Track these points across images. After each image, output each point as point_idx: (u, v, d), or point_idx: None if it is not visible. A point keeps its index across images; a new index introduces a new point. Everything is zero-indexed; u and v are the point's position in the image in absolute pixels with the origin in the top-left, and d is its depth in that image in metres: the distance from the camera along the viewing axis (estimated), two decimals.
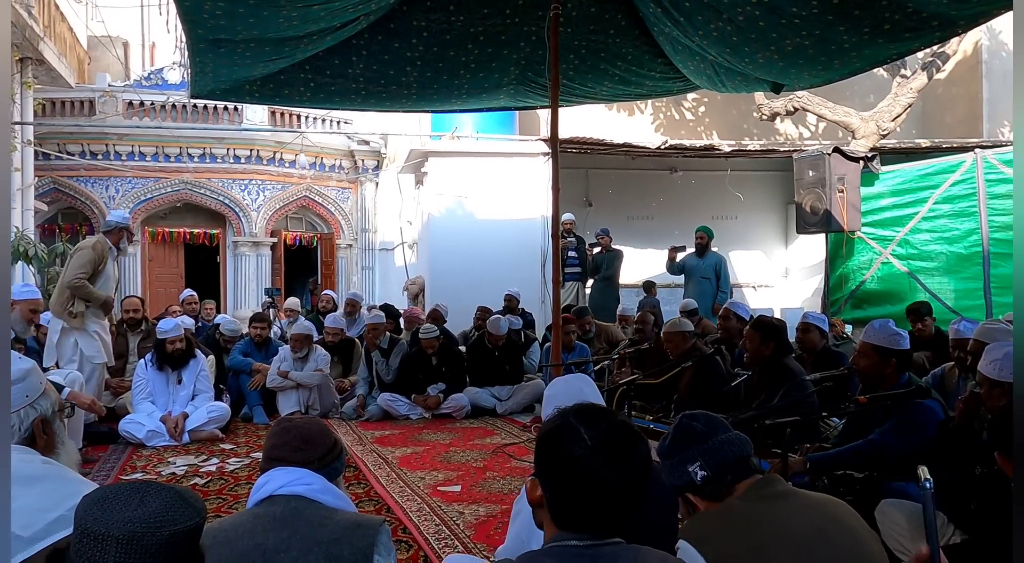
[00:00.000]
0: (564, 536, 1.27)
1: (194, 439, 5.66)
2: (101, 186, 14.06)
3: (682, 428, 1.69)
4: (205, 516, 1.16)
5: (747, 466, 1.64)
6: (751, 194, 12.72)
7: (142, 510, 1.07)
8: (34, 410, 1.71)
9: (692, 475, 1.62)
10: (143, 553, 1.05)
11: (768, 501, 1.57)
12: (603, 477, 1.24)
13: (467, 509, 3.85)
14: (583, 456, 1.25)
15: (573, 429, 1.29)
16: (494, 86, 5.36)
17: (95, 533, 1.05)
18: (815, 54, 4.16)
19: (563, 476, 1.28)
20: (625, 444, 1.28)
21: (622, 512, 1.28)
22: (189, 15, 3.81)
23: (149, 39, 19.03)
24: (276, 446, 1.68)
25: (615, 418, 1.34)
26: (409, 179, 12.54)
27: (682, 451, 1.66)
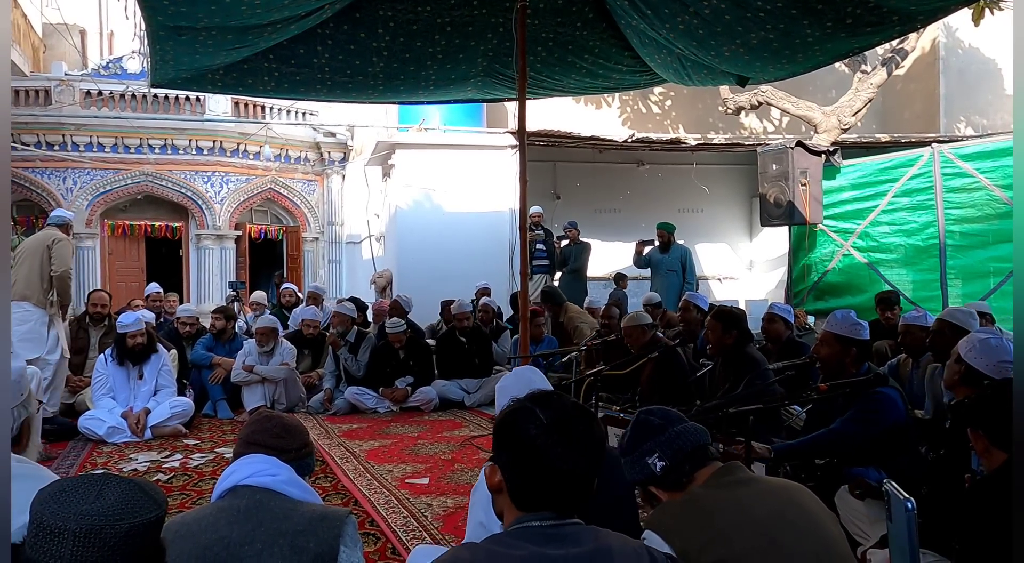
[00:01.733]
0: (526, 518, 1.30)
1: (157, 435, 5.56)
2: (58, 178, 13.72)
3: (639, 423, 1.72)
4: (166, 508, 1.14)
5: (705, 454, 1.66)
6: (716, 187, 12.87)
7: (100, 503, 1.05)
8: (24, 410, 1.69)
9: (652, 467, 1.65)
10: (102, 547, 1.02)
11: (728, 488, 1.60)
12: (558, 454, 1.28)
13: (435, 501, 3.85)
14: (537, 435, 1.30)
15: (528, 410, 1.34)
16: (461, 78, 5.33)
17: (52, 527, 1.03)
18: (779, 47, 4.21)
19: (520, 456, 1.31)
20: (577, 423, 1.32)
21: (580, 492, 1.31)
22: (148, 1, 3.72)
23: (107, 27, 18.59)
24: (256, 432, 1.68)
25: (567, 400, 1.38)
26: (376, 171, 12.44)
27: (640, 445, 1.68)
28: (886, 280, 8.00)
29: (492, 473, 1.36)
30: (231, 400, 6.59)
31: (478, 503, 2.14)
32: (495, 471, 1.35)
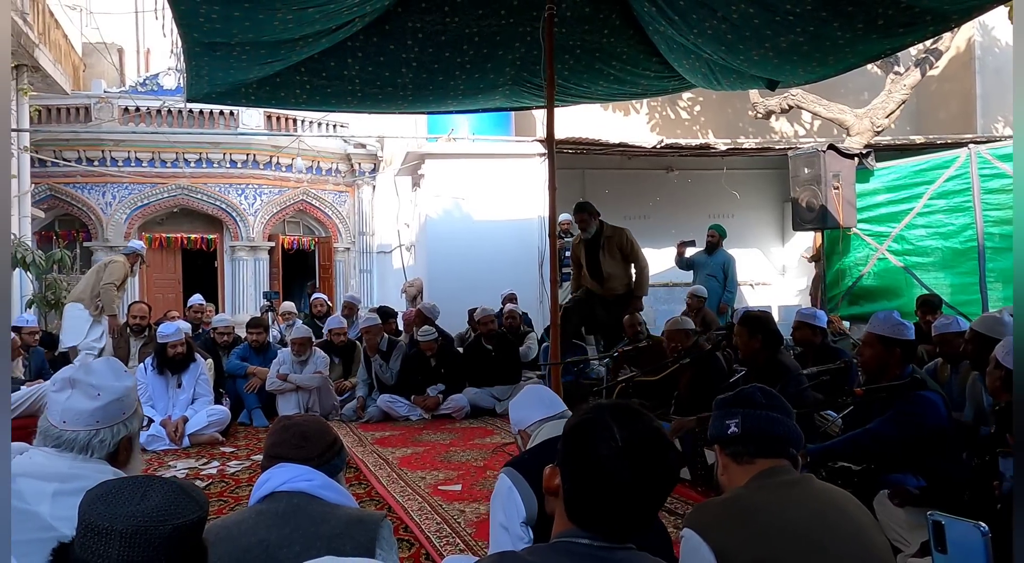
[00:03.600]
0: (575, 532, 1.23)
1: (194, 443, 5.67)
2: (98, 192, 14.06)
3: (746, 393, 1.75)
4: (208, 509, 1.16)
5: (777, 448, 1.65)
6: (747, 192, 12.75)
7: (145, 504, 1.08)
8: (124, 428, 1.68)
9: (726, 427, 1.68)
10: (147, 547, 1.05)
11: (772, 489, 1.59)
12: (625, 480, 1.20)
13: (468, 508, 3.86)
14: (609, 456, 1.21)
15: (606, 426, 1.24)
16: (490, 87, 5.37)
17: (99, 528, 1.06)
18: (809, 50, 4.18)
19: (585, 471, 1.23)
20: (654, 450, 1.23)
21: (637, 518, 1.23)
22: (184, 19, 3.82)
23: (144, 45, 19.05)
24: (276, 444, 1.69)
25: (650, 422, 1.28)
26: (406, 181, 12.55)
27: (732, 407, 1.72)
28: (923, 284, 7.85)
29: (552, 476, 1.29)
30: (266, 408, 6.69)
31: (498, 507, 2.17)
32: (555, 474, 1.29)
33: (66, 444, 1.60)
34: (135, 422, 1.72)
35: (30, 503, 1.45)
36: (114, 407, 1.66)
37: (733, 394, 1.77)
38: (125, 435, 1.67)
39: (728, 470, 1.71)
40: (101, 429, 1.63)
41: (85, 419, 1.62)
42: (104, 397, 1.65)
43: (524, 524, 2.08)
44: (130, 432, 1.69)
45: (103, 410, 1.64)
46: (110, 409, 1.65)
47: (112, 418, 1.65)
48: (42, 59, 9.90)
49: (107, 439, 1.64)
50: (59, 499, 1.46)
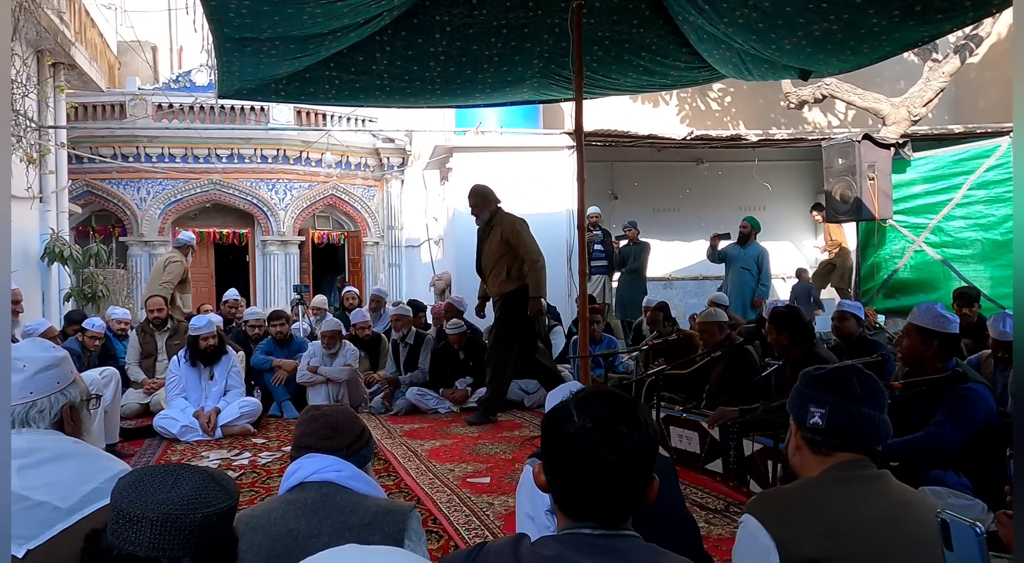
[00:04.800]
0: (573, 525, 1.24)
1: (226, 434, 5.75)
2: (132, 188, 14.30)
3: (841, 377, 1.59)
4: (238, 498, 1.17)
5: (860, 445, 1.54)
6: (779, 184, 12.58)
7: (176, 492, 1.09)
8: (63, 396, 1.70)
9: (810, 414, 1.56)
10: (177, 535, 1.06)
11: (847, 484, 1.49)
12: (597, 457, 1.19)
13: (496, 500, 3.86)
14: (575, 434, 1.22)
15: (567, 409, 1.26)
16: (518, 79, 5.35)
17: (130, 515, 1.07)
18: (844, 39, 4.09)
19: (560, 456, 1.25)
20: (619, 424, 1.22)
21: (625, 498, 1.23)
22: (215, 14, 3.86)
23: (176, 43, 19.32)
24: (305, 434, 1.69)
25: (615, 399, 1.28)
26: (434, 175, 12.59)
27: (822, 392, 1.57)
28: (962, 277, 7.67)
29: (539, 472, 1.30)
30: (296, 400, 6.76)
31: (524, 497, 2.16)
32: (540, 470, 1.29)
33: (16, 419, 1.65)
34: (74, 391, 1.74)
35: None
36: (44, 377, 1.69)
37: (826, 373, 1.60)
38: (65, 403, 1.70)
39: (801, 453, 1.60)
40: (37, 399, 1.66)
41: (18, 392, 1.65)
42: (30, 367, 1.67)
43: (549, 513, 2.07)
44: (70, 400, 1.72)
45: (32, 380, 1.66)
46: (39, 379, 1.68)
47: (45, 388, 1.68)
48: (78, 57, 10.08)
49: (45, 408, 1.67)
50: (25, 472, 1.50)
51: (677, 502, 2.01)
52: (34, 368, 1.68)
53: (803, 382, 1.63)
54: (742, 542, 1.48)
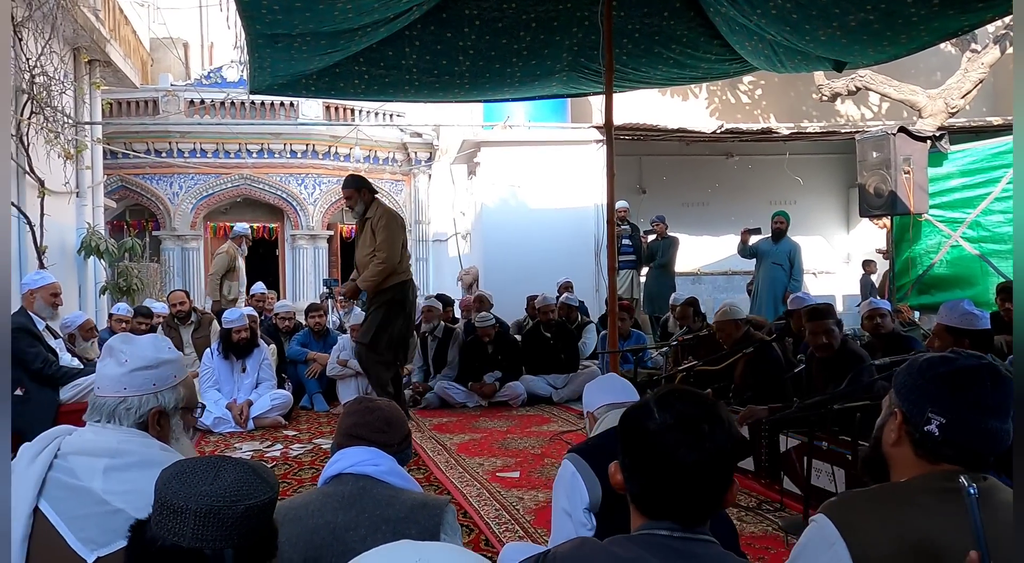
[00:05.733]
0: (650, 525, 1.21)
1: (258, 426, 5.84)
2: (165, 183, 14.52)
3: (976, 380, 1.32)
4: (278, 490, 1.18)
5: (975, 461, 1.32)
6: (811, 178, 12.40)
7: (218, 484, 1.10)
8: (155, 399, 1.63)
9: (926, 419, 1.32)
10: (220, 526, 1.07)
11: (949, 496, 1.25)
12: (677, 456, 1.18)
13: (526, 495, 3.87)
14: (655, 432, 1.20)
15: (647, 408, 1.25)
16: (547, 73, 5.33)
17: (174, 506, 1.09)
18: (880, 29, 4.01)
19: (638, 454, 1.23)
20: (699, 424, 1.20)
21: (704, 499, 1.21)
22: (247, 11, 3.89)
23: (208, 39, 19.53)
24: (359, 425, 1.71)
25: (697, 398, 1.26)
26: (461, 170, 12.60)
27: (947, 395, 1.32)
28: (1000, 272, 7.49)
29: (615, 472, 1.29)
30: (327, 393, 6.83)
31: (561, 493, 2.16)
32: (618, 469, 1.28)
33: (96, 410, 1.62)
34: (169, 396, 1.66)
35: (83, 480, 1.47)
36: (141, 375, 1.63)
37: (956, 372, 1.34)
38: (154, 407, 1.63)
39: (901, 448, 1.38)
40: (129, 396, 1.61)
41: (113, 385, 1.62)
42: (131, 363, 1.63)
43: (587, 510, 2.06)
44: (161, 405, 1.64)
45: (129, 376, 1.62)
46: (136, 377, 1.63)
47: (140, 387, 1.63)
48: (113, 54, 10.24)
49: (133, 407, 1.61)
50: (110, 474, 1.48)
51: None
52: (134, 365, 1.64)
53: (926, 375, 1.35)
54: (811, 544, 1.32)
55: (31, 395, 4.50)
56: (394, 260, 5.28)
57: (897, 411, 1.38)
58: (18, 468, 1.51)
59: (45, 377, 4.55)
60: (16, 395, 4.46)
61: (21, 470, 1.50)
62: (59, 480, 1.47)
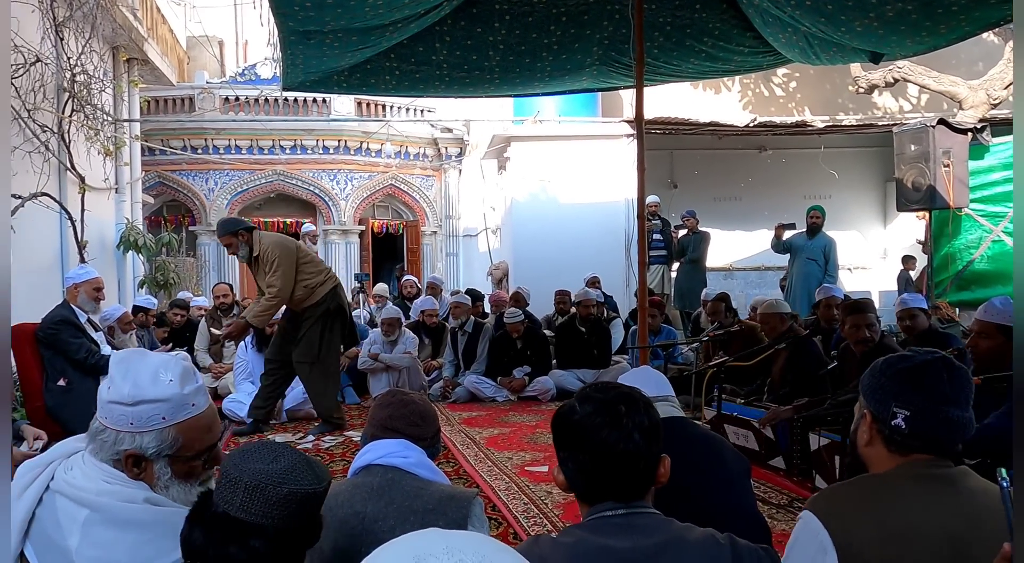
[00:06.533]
0: (595, 510, 1.31)
1: (291, 418, 5.93)
2: (201, 179, 14.77)
3: (931, 371, 1.41)
4: (326, 487, 1.28)
5: (943, 448, 1.41)
6: (846, 172, 12.19)
7: (272, 465, 1.22)
8: (130, 439, 1.36)
9: (892, 415, 1.40)
10: (264, 503, 1.19)
11: (922, 482, 1.37)
12: (600, 438, 1.29)
13: (555, 489, 3.87)
14: (578, 421, 1.32)
15: (571, 403, 1.38)
16: (577, 67, 5.31)
17: (231, 477, 1.21)
18: (919, 19, 3.91)
19: (569, 446, 1.34)
20: (616, 406, 1.32)
21: (635, 477, 1.30)
22: (280, 8, 3.94)
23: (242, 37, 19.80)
24: (394, 417, 1.73)
25: (613, 389, 1.38)
26: (492, 165, 12.62)
27: (908, 389, 1.41)
28: None
29: (557, 473, 1.38)
30: (357, 386, 6.91)
31: None
32: (558, 470, 1.38)
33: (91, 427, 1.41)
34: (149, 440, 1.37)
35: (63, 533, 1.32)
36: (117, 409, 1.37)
37: (915, 368, 1.42)
38: (128, 449, 1.37)
39: (874, 447, 1.46)
40: (107, 427, 1.38)
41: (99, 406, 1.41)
42: (111, 391, 1.39)
43: None
44: (136, 448, 1.37)
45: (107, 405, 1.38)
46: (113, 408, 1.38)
47: (116, 421, 1.37)
48: (151, 53, 10.43)
49: (108, 440, 1.37)
50: (88, 530, 1.31)
51: (749, 500, 1.98)
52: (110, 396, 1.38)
53: (887, 374, 1.45)
54: (798, 539, 1.41)
55: (74, 386, 4.62)
56: (287, 292, 5.12)
57: (866, 412, 1.48)
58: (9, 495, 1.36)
59: (88, 367, 4.67)
60: (59, 386, 4.60)
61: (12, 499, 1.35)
62: (43, 530, 1.34)
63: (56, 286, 7.86)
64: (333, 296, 5.37)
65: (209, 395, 1.50)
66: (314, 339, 5.30)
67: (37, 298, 6.49)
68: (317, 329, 5.31)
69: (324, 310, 5.31)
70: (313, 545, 1.25)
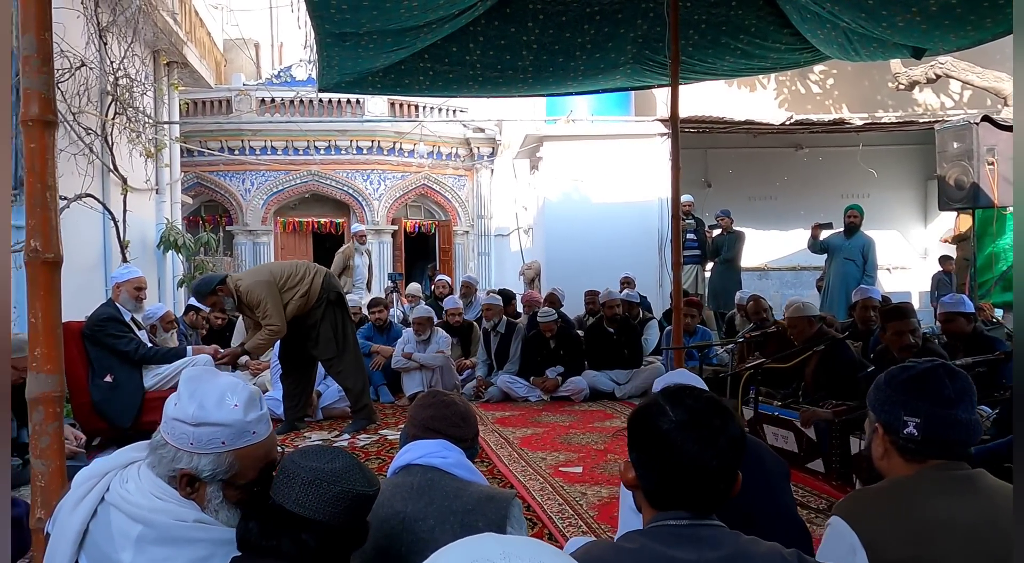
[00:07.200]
0: (662, 516, 1.28)
1: (327, 415, 5.99)
2: (238, 179, 15.02)
3: (934, 378, 1.47)
4: (374, 493, 1.35)
5: (955, 450, 1.46)
6: (885, 170, 11.95)
7: (329, 465, 1.32)
8: (188, 459, 1.38)
9: (902, 424, 1.46)
10: (316, 499, 1.28)
11: (940, 484, 1.42)
12: (689, 451, 1.24)
13: (589, 490, 3.86)
14: (668, 430, 1.26)
15: (659, 406, 1.31)
16: (610, 66, 5.29)
17: (289, 472, 1.32)
18: (963, 13, 3.82)
19: (651, 453, 1.29)
20: (711, 420, 1.27)
21: (715, 491, 1.27)
22: (317, 11, 3.99)
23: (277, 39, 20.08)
24: (436, 418, 1.74)
25: (703, 396, 1.33)
26: (524, 164, 12.62)
27: (914, 398, 1.46)
28: None
29: (627, 469, 1.35)
30: (391, 385, 6.97)
31: (625, 496, 2.14)
32: (629, 468, 1.34)
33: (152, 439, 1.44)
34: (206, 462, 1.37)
35: (116, 547, 1.34)
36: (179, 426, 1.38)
37: (917, 376, 1.49)
38: (184, 468, 1.38)
39: (890, 458, 1.52)
40: (168, 443, 1.39)
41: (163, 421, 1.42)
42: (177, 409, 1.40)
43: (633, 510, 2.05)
44: (193, 468, 1.38)
45: (170, 422, 1.40)
46: (176, 425, 1.39)
47: (177, 438, 1.39)
48: (190, 56, 10.64)
49: (167, 457, 1.39)
50: (140, 547, 1.33)
51: (789, 504, 1.95)
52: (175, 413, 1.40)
53: (890, 386, 1.51)
54: (828, 542, 1.45)
55: (119, 382, 4.74)
56: (283, 324, 5.17)
57: (877, 426, 1.53)
58: (65, 505, 1.41)
59: (136, 359, 4.78)
60: (105, 382, 4.71)
61: (67, 510, 1.39)
62: (96, 541, 1.36)
63: (100, 285, 8.05)
64: (327, 288, 5.42)
65: (271, 424, 1.48)
66: (329, 334, 5.41)
67: (82, 297, 6.66)
68: (328, 323, 5.41)
69: (325, 302, 5.40)
70: (359, 548, 1.31)
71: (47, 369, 1.88)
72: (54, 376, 1.89)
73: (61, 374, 1.92)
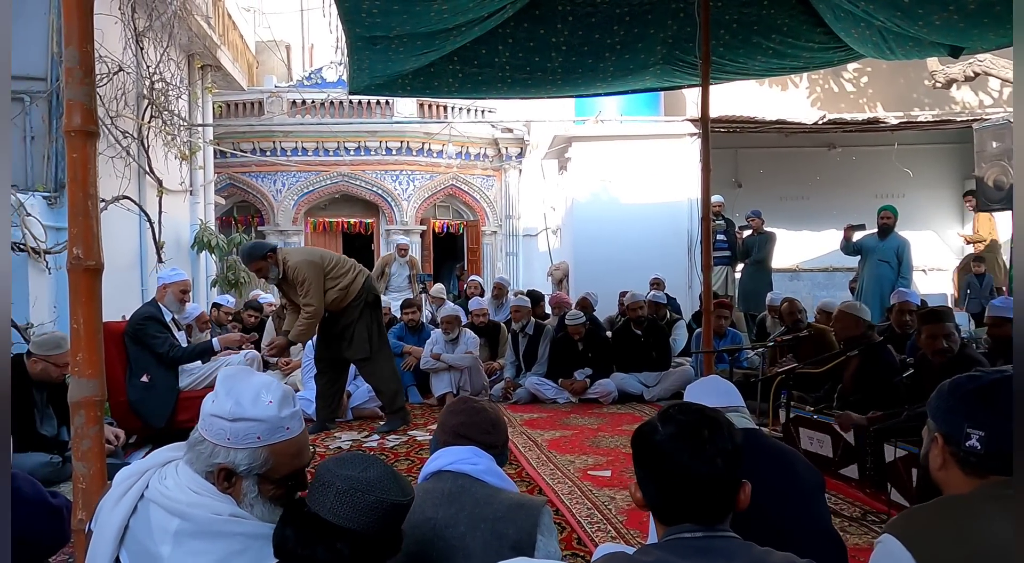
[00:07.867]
0: (674, 531, 1.30)
1: (357, 416, 6.05)
2: (269, 180, 15.21)
3: (1000, 389, 1.39)
4: (410, 500, 1.36)
5: None
6: (921, 170, 11.73)
7: (364, 474, 1.33)
8: (225, 454, 1.43)
9: (965, 437, 1.39)
10: (351, 507, 1.29)
11: (1004, 503, 1.33)
12: (680, 462, 1.29)
13: (618, 495, 3.84)
14: (660, 442, 1.32)
15: (652, 423, 1.38)
16: (640, 67, 5.26)
17: (324, 480, 1.33)
18: (1003, 11, 3.73)
19: (648, 467, 1.34)
20: (699, 431, 1.31)
21: (715, 501, 1.29)
22: (348, 15, 4.03)
23: (308, 42, 20.29)
24: (466, 424, 1.76)
25: (694, 410, 1.38)
26: (552, 165, 12.61)
27: (979, 410, 1.39)
28: None
29: (635, 489, 1.38)
30: (420, 386, 7.00)
31: None
32: (636, 488, 1.38)
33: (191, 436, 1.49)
34: (242, 457, 1.42)
35: (156, 541, 1.39)
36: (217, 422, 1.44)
37: (984, 387, 1.41)
38: (222, 463, 1.43)
39: (948, 470, 1.44)
40: (206, 438, 1.44)
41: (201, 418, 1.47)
42: (215, 405, 1.45)
43: None
44: (230, 462, 1.42)
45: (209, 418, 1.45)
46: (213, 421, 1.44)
47: (215, 434, 1.44)
48: (223, 59, 10.80)
49: (205, 452, 1.44)
50: (179, 540, 1.37)
51: (824, 516, 1.92)
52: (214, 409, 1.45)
53: (955, 395, 1.44)
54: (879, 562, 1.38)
55: (155, 382, 4.83)
56: (322, 308, 5.22)
57: (937, 436, 1.46)
58: (107, 503, 1.46)
59: (169, 360, 4.87)
60: (142, 382, 4.81)
61: (108, 507, 1.45)
62: (137, 536, 1.41)
63: (135, 285, 8.21)
64: (367, 288, 5.50)
65: (304, 422, 1.53)
66: (363, 334, 5.46)
67: (118, 297, 6.80)
68: (364, 324, 5.46)
69: (363, 303, 5.46)
70: (394, 557, 1.31)
71: (88, 374, 1.93)
72: (95, 381, 1.94)
73: (102, 378, 1.96)
